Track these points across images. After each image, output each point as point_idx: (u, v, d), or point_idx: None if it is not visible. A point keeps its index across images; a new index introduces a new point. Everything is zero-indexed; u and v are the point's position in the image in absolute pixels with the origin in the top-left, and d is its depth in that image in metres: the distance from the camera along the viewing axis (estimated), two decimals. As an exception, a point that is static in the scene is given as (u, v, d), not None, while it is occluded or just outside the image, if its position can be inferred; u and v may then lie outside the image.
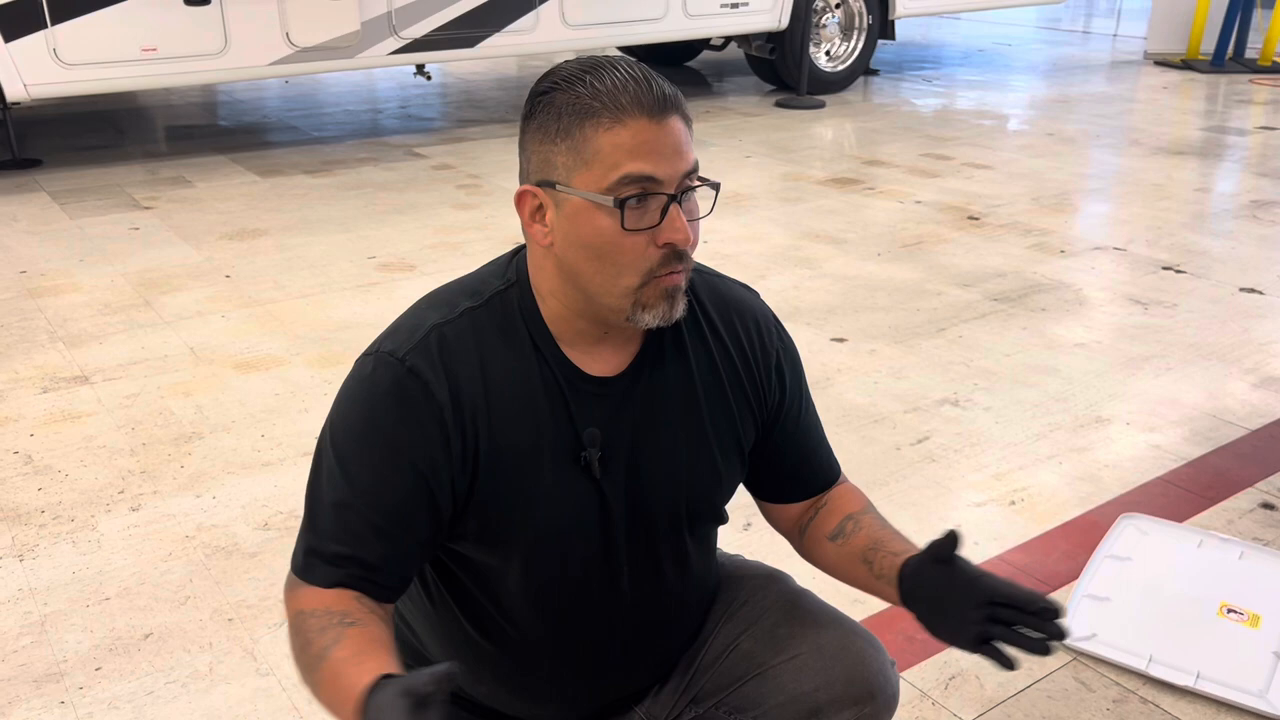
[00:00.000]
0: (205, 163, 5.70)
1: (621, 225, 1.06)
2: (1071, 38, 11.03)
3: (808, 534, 1.36)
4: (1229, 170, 5.74)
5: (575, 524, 1.18)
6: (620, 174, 1.05)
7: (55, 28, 4.95)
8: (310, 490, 1.16)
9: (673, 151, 1.07)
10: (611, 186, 1.06)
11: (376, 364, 1.13)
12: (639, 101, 1.06)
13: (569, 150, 1.07)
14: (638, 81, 1.06)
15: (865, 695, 1.26)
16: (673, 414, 1.21)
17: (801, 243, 4.44)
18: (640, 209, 1.07)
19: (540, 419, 1.15)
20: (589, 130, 1.06)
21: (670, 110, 1.07)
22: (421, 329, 1.14)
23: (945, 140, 6.27)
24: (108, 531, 2.40)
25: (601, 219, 1.07)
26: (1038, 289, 3.93)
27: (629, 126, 1.05)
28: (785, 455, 1.34)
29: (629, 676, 1.33)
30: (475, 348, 1.14)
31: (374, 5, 5.66)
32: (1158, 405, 3.04)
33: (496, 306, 1.16)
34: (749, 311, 1.29)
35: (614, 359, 1.19)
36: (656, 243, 1.08)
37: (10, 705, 1.89)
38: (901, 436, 2.85)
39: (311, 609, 1.10)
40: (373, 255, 4.25)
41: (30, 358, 3.29)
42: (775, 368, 1.29)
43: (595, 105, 1.05)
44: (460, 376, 1.12)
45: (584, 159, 1.06)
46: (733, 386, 1.25)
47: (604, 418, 1.17)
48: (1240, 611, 2.12)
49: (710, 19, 6.89)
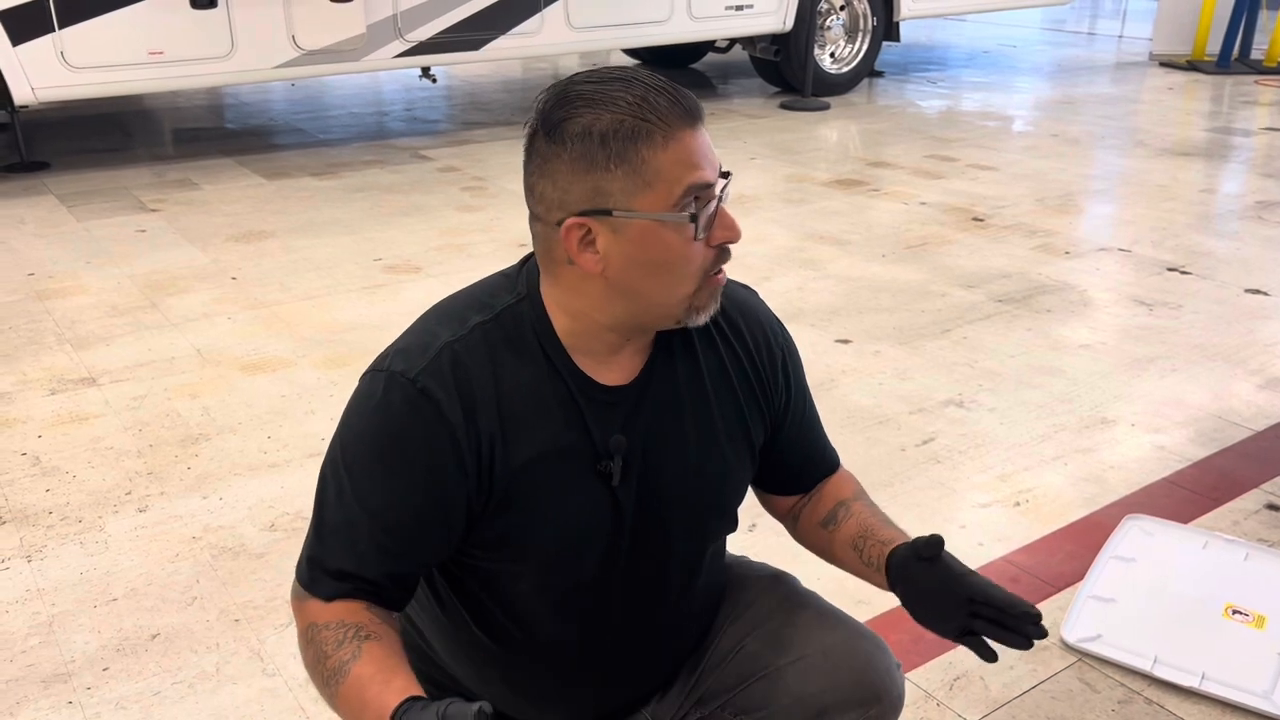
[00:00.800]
0: (211, 165, 5.72)
1: (695, 236, 1.07)
2: (1076, 39, 11.02)
3: (801, 520, 1.40)
4: (1234, 171, 5.73)
5: (590, 531, 1.18)
6: (684, 187, 1.06)
7: (62, 31, 4.97)
8: (318, 503, 1.16)
9: (711, 153, 1.09)
10: (679, 202, 1.06)
11: (388, 384, 1.12)
12: (680, 113, 1.06)
13: (626, 175, 1.05)
14: (669, 92, 1.07)
15: (871, 697, 1.26)
16: (684, 418, 1.22)
17: (806, 244, 4.44)
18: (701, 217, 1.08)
19: (556, 430, 1.14)
20: (645, 151, 1.04)
21: (698, 116, 1.09)
22: (433, 348, 1.12)
23: (950, 142, 6.27)
24: (115, 532, 2.42)
25: (669, 234, 1.07)
26: (1042, 290, 3.93)
27: (680, 140, 1.05)
28: (790, 454, 1.35)
29: (637, 680, 1.33)
30: (488, 363, 1.13)
31: (379, 8, 5.67)
32: (1163, 406, 3.04)
33: (507, 320, 1.15)
34: (753, 313, 1.30)
35: (626, 367, 1.19)
36: (710, 244, 1.10)
37: (19, 705, 1.90)
38: (906, 438, 2.85)
39: (325, 621, 1.11)
40: (379, 257, 4.26)
41: (38, 360, 3.31)
42: (781, 368, 1.30)
43: (644, 125, 1.04)
44: (474, 395, 1.11)
45: (645, 180, 1.05)
46: (742, 388, 1.26)
47: (619, 426, 1.17)
48: (1245, 613, 2.12)
49: (715, 21, 6.89)
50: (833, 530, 1.33)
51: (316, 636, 1.10)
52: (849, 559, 1.30)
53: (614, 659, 1.28)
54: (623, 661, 1.29)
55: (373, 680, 1.03)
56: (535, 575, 1.19)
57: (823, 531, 1.35)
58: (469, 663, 1.29)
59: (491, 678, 1.29)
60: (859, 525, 1.30)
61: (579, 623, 1.24)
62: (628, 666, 1.30)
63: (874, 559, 1.26)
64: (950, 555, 1.19)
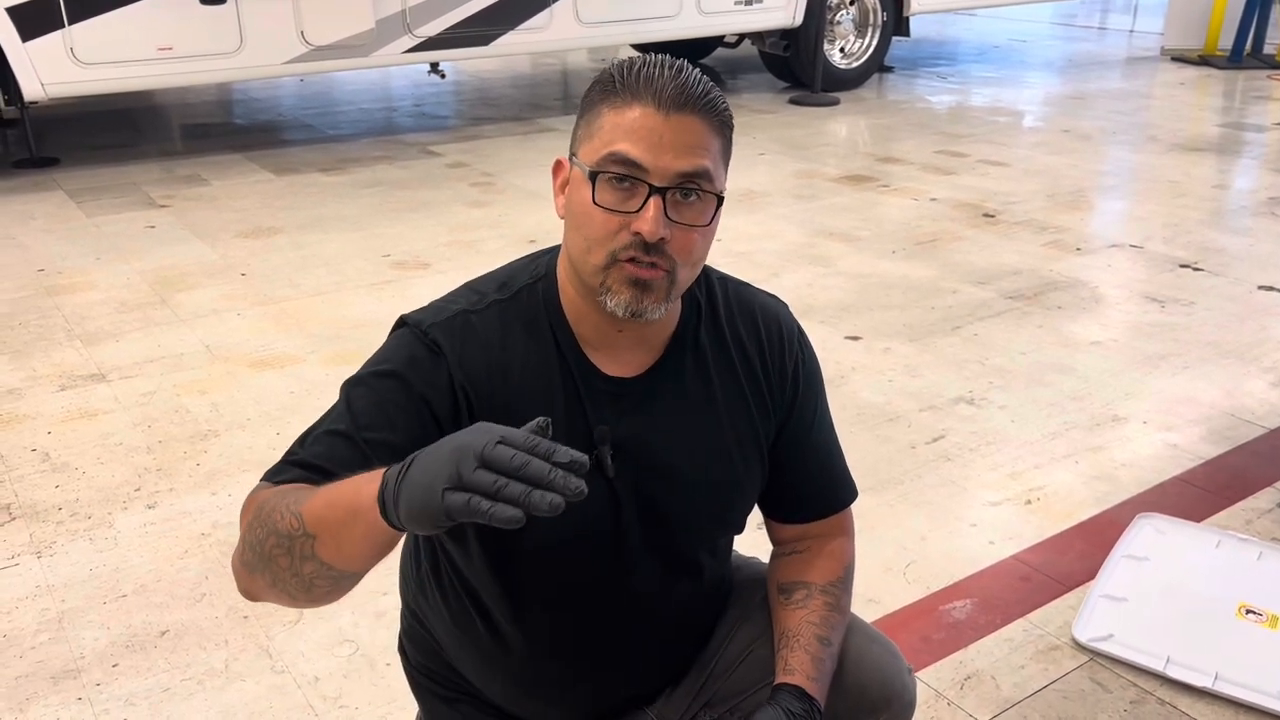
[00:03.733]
0: (221, 161, 5.72)
1: (592, 198, 1.08)
2: (1087, 34, 10.97)
3: (773, 567, 1.34)
4: (1247, 167, 5.70)
5: (587, 522, 1.18)
6: (608, 150, 1.07)
7: (72, 27, 4.97)
8: (311, 425, 1.15)
9: (672, 146, 1.06)
10: (598, 161, 1.08)
11: (402, 331, 1.17)
12: (655, 90, 1.06)
13: (585, 124, 1.12)
14: (664, 73, 1.07)
15: (883, 702, 1.25)
16: (691, 419, 1.21)
17: (815, 240, 4.42)
18: (621, 190, 1.07)
19: (555, 413, 1.15)
20: (602, 108, 1.09)
21: (688, 108, 1.07)
22: (449, 310, 1.17)
23: (960, 137, 6.24)
24: (124, 529, 2.42)
25: (585, 190, 1.09)
26: (1053, 287, 3.91)
27: (635, 109, 1.07)
28: (785, 468, 1.30)
29: (640, 678, 1.32)
30: (499, 338, 1.16)
31: (388, 4, 5.67)
32: (1175, 404, 3.02)
33: (523, 300, 1.18)
34: (773, 316, 1.29)
35: (633, 361, 1.19)
36: (630, 228, 1.08)
37: (29, 701, 1.90)
38: (916, 435, 2.84)
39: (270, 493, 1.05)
40: (387, 253, 4.26)
41: (48, 356, 3.31)
42: (792, 374, 1.28)
43: (616, 88, 1.08)
44: (479, 357, 1.14)
45: (590, 132, 1.10)
46: (753, 393, 1.24)
47: (618, 417, 1.17)
48: (1259, 612, 2.11)
49: (724, 16, 6.87)
50: (780, 605, 1.29)
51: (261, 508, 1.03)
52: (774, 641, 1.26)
53: (616, 657, 1.27)
54: (625, 659, 1.28)
55: (339, 483, 0.96)
56: (533, 566, 1.18)
57: (776, 596, 1.30)
58: (476, 659, 1.29)
59: (497, 674, 1.29)
60: (796, 624, 1.24)
61: (581, 619, 1.23)
62: (630, 664, 1.29)
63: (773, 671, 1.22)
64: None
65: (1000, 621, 2.11)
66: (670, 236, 1.07)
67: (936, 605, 2.16)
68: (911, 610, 2.15)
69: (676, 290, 1.12)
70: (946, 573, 2.26)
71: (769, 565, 1.36)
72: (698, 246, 1.11)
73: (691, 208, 1.09)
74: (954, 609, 2.15)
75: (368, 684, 1.95)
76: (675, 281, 1.11)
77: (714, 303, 1.25)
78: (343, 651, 2.03)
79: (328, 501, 0.96)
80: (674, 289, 1.11)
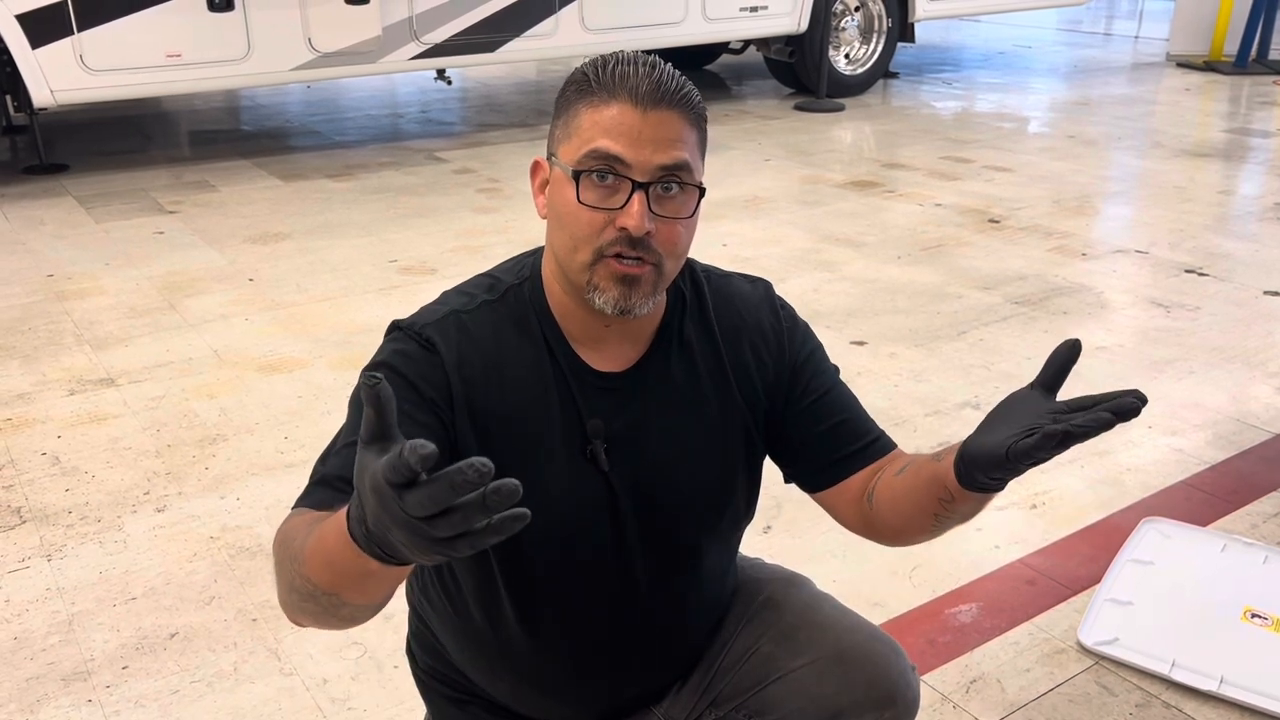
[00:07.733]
0: (228, 167, 5.75)
1: (577, 197, 1.09)
2: (1092, 40, 10.97)
3: (876, 494, 1.23)
4: (1252, 172, 5.69)
5: (584, 516, 1.20)
6: (589, 148, 1.08)
7: (81, 34, 5.00)
8: (330, 442, 1.17)
9: (651, 141, 1.08)
10: (580, 159, 1.09)
11: (397, 334, 1.19)
12: (631, 87, 1.08)
13: (562, 124, 1.13)
14: (639, 70, 1.09)
15: (886, 700, 1.26)
16: (679, 411, 1.23)
17: (821, 245, 4.43)
18: (604, 188, 1.09)
19: (549, 410, 1.17)
20: (579, 106, 1.11)
21: (665, 104, 1.08)
22: (441, 312, 1.20)
23: (965, 143, 6.25)
24: (134, 532, 2.43)
25: (568, 189, 1.10)
26: (1059, 292, 3.91)
27: (613, 107, 1.08)
28: (813, 427, 1.27)
29: (645, 675, 1.33)
30: (491, 337, 1.18)
31: (395, 11, 5.70)
32: (1180, 409, 3.02)
33: (511, 300, 1.21)
34: (755, 299, 1.31)
35: (621, 356, 1.21)
36: (615, 225, 1.09)
37: (39, 703, 1.91)
38: (922, 440, 2.84)
39: (298, 522, 1.03)
40: (394, 259, 4.28)
41: (58, 360, 3.33)
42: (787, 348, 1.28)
43: (592, 85, 1.10)
44: (473, 356, 1.16)
45: (569, 132, 1.11)
46: (741, 380, 1.25)
47: (609, 411, 1.19)
48: (1264, 616, 2.11)
49: (729, 22, 6.89)
50: (908, 469, 1.19)
51: (284, 531, 1.03)
52: (928, 472, 1.14)
53: (619, 653, 1.28)
54: (628, 656, 1.29)
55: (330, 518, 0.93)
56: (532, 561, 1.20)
57: (898, 479, 1.20)
58: (481, 658, 1.30)
59: (502, 673, 1.30)
60: (936, 453, 1.16)
61: (582, 615, 1.24)
62: (634, 662, 1.30)
63: (951, 452, 1.11)
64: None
65: (1006, 625, 2.12)
66: (655, 230, 1.09)
67: (942, 609, 2.17)
68: (917, 614, 2.15)
69: (662, 283, 1.14)
70: (952, 576, 2.27)
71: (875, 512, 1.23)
72: (681, 239, 1.13)
73: (674, 200, 1.11)
74: (960, 612, 2.16)
75: (376, 686, 1.96)
76: (661, 275, 1.13)
77: (699, 293, 1.27)
78: (351, 654, 2.04)
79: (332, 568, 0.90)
80: (660, 282, 1.14)
